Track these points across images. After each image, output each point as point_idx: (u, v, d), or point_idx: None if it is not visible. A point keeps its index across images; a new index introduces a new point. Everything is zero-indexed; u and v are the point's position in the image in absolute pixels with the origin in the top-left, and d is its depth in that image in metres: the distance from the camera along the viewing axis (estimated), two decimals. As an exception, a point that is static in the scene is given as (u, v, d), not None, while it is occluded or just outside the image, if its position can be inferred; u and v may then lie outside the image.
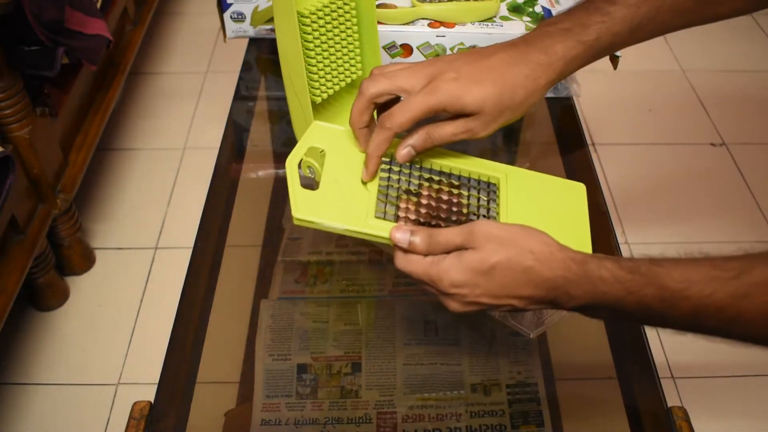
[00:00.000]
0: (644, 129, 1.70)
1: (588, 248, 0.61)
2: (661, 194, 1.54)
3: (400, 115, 0.57)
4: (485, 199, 0.62)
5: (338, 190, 0.58)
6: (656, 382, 0.68)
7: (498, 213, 0.61)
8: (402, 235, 0.54)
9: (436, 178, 0.62)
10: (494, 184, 0.63)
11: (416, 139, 0.59)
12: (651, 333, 1.25)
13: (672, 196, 1.54)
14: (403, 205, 0.60)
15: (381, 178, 0.60)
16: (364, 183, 0.60)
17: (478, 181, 0.63)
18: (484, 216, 0.61)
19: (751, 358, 1.23)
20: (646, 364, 0.69)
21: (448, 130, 0.59)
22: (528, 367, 0.70)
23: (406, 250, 0.55)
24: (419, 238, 0.54)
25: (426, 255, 0.54)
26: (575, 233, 0.62)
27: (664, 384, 1.04)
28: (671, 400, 1.07)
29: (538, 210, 0.62)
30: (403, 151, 0.58)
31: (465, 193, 0.62)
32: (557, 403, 0.68)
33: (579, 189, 0.66)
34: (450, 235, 0.53)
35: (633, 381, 0.70)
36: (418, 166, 0.63)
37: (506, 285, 0.52)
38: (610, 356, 0.72)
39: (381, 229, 0.56)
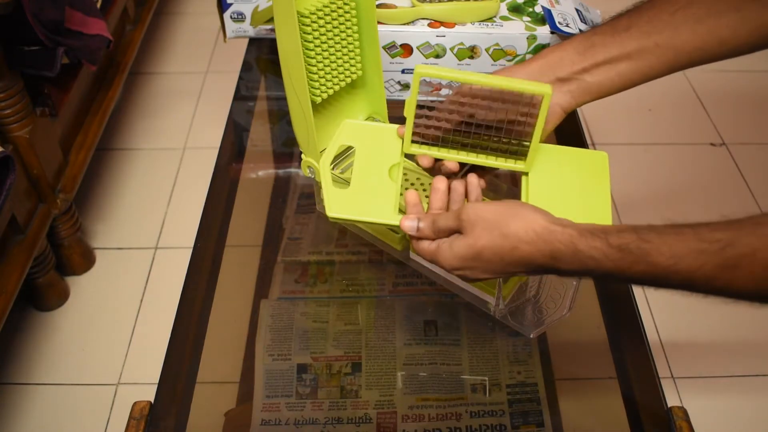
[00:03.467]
0: (644, 129, 1.70)
1: (607, 217, 0.62)
2: (661, 194, 1.54)
3: None
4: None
5: (367, 186, 0.63)
6: (656, 382, 0.68)
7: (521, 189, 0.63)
8: (410, 223, 0.59)
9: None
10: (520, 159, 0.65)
11: None
12: (651, 333, 1.25)
13: (672, 196, 1.54)
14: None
15: (405, 168, 0.65)
16: (391, 176, 0.64)
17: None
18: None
19: (751, 357, 1.23)
20: (646, 364, 0.69)
21: None
22: (528, 367, 0.70)
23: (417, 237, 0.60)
24: (424, 223, 0.59)
25: (435, 238, 0.59)
26: (595, 203, 0.63)
27: (664, 384, 1.04)
28: (671, 400, 1.07)
29: (560, 183, 0.64)
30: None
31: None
32: (557, 403, 0.68)
33: (601, 158, 0.68)
34: (446, 219, 0.58)
35: (633, 381, 0.70)
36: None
37: (498, 263, 0.55)
38: (610, 356, 0.72)
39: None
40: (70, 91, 1.27)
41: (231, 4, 1.01)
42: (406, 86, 0.95)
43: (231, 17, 1.02)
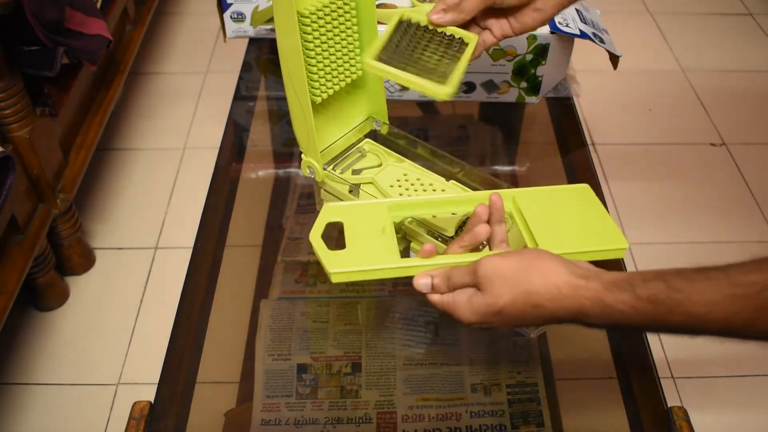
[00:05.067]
0: (644, 129, 1.70)
1: (620, 237, 0.60)
2: (661, 194, 1.54)
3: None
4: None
5: (362, 243, 0.61)
6: (656, 382, 0.68)
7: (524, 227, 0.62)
8: (424, 280, 0.57)
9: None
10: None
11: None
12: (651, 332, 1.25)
13: (672, 196, 1.54)
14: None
15: (395, 220, 0.64)
16: (384, 233, 0.62)
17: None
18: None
19: (750, 357, 1.23)
20: (646, 364, 0.69)
21: None
22: (528, 367, 0.70)
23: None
24: (438, 279, 0.57)
25: (449, 291, 0.57)
26: (602, 227, 0.62)
27: (664, 384, 1.04)
28: (671, 400, 1.07)
29: (559, 219, 0.62)
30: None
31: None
32: (557, 403, 0.68)
33: (584, 190, 0.66)
34: (461, 275, 0.55)
35: (633, 381, 0.70)
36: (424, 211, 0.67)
37: (520, 319, 0.53)
38: (610, 356, 0.72)
39: (409, 262, 0.59)
40: (70, 91, 1.27)
41: (231, 4, 1.01)
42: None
43: (231, 17, 1.02)
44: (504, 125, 1.00)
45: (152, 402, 0.67)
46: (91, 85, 1.40)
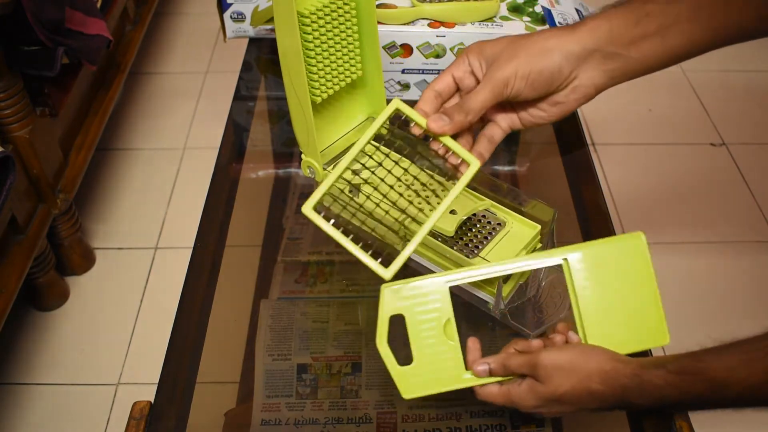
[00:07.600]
0: (644, 129, 1.70)
1: (664, 334, 0.62)
2: (661, 194, 1.54)
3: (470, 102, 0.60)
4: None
5: (429, 355, 0.62)
6: (656, 382, 0.68)
7: (573, 299, 0.62)
8: (482, 367, 0.60)
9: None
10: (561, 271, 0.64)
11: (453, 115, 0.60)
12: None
13: (672, 196, 1.54)
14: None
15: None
16: (446, 333, 0.62)
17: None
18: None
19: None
20: (646, 364, 0.69)
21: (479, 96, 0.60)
22: (528, 367, 0.70)
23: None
24: (495, 365, 0.60)
25: (505, 377, 0.60)
26: (647, 314, 0.62)
27: (664, 384, 1.04)
28: (671, 400, 1.07)
29: (608, 294, 0.62)
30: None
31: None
32: (557, 403, 0.67)
33: (636, 239, 0.62)
34: (519, 365, 0.59)
35: (633, 381, 0.70)
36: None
37: (575, 404, 0.57)
38: (610, 356, 0.72)
39: (476, 381, 0.61)
40: (70, 91, 1.27)
41: (231, 4, 1.01)
42: (406, 86, 0.95)
43: (231, 17, 1.02)
44: (504, 125, 1.00)
45: (152, 402, 0.67)
46: (91, 85, 1.40)
